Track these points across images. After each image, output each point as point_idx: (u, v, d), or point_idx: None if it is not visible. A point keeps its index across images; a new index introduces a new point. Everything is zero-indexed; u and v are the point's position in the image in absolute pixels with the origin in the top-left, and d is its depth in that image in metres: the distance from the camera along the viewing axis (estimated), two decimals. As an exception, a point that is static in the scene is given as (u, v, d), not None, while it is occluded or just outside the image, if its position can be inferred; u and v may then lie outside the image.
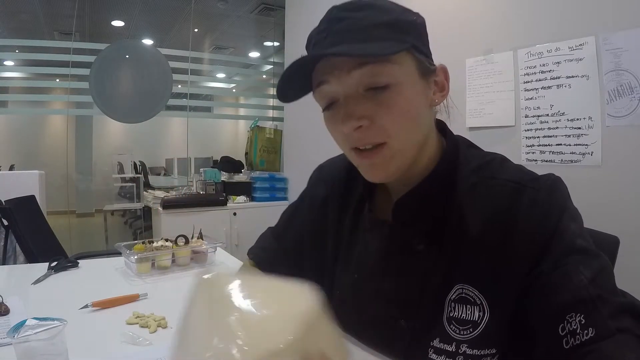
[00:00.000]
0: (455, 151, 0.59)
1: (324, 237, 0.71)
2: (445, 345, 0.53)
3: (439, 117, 0.62)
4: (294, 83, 0.54)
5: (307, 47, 0.56)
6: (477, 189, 0.55)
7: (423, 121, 0.55)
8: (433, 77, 0.55)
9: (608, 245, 0.71)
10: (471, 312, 0.52)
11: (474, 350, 0.52)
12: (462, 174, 0.56)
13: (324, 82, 0.52)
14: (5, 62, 3.93)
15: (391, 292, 0.59)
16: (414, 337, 0.56)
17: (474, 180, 0.56)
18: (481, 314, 0.52)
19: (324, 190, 0.74)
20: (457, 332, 0.53)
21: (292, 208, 0.81)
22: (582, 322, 0.43)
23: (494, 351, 0.51)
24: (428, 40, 0.56)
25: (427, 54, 0.55)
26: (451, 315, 0.54)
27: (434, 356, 0.54)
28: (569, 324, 0.44)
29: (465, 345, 0.52)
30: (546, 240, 0.49)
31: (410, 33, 0.52)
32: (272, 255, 0.79)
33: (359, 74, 0.50)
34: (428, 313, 0.55)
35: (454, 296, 0.54)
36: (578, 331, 0.43)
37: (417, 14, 0.55)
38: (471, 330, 0.52)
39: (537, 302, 0.48)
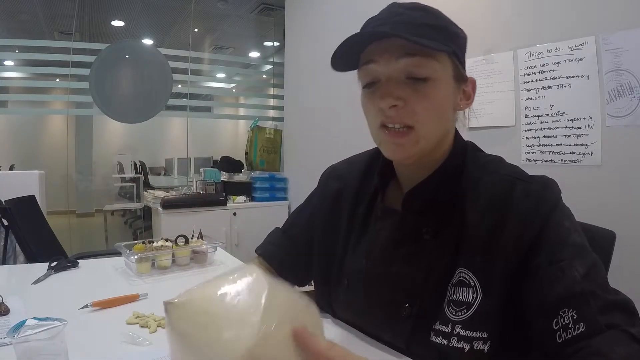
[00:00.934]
0: (463, 152, 0.65)
1: (335, 227, 0.75)
2: (443, 326, 0.56)
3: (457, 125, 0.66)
4: (344, 57, 0.58)
5: (362, 30, 0.61)
6: (479, 183, 0.60)
7: (447, 118, 0.61)
8: (463, 85, 0.62)
9: (604, 240, 0.72)
10: (466, 294, 0.55)
11: (467, 332, 0.54)
12: (468, 171, 0.62)
13: (372, 61, 0.57)
14: (5, 62, 3.91)
15: (398, 278, 0.62)
16: (417, 321, 0.59)
17: (476, 175, 0.61)
18: (475, 295, 0.54)
19: (338, 184, 0.78)
20: (454, 313, 0.56)
21: (301, 206, 0.86)
22: (574, 317, 0.45)
23: (485, 335, 0.53)
24: (465, 55, 0.62)
25: (463, 65, 0.61)
26: (451, 298, 0.56)
27: (433, 338, 0.56)
28: (562, 319, 0.46)
29: (459, 326, 0.55)
30: (537, 230, 0.52)
31: (454, 41, 0.59)
32: (280, 249, 0.82)
33: (405, 62, 0.55)
34: (432, 298, 0.58)
35: (455, 280, 0.57)
36: (570, 326, 0.45)
37: (461, 29, 0.61)
38: (465, 311, 0.55)
39: (532, 296, 0.50)
